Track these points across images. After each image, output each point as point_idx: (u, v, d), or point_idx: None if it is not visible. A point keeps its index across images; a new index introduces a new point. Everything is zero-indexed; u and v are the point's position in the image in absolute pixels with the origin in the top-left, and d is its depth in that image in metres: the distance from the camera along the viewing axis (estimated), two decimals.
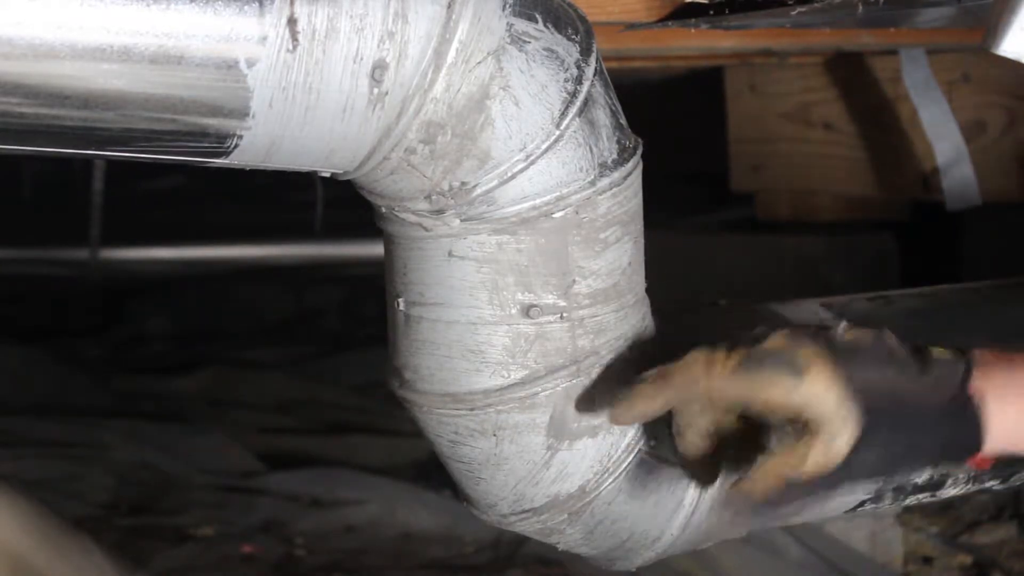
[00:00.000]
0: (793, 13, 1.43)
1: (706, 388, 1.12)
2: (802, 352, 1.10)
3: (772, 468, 1.12)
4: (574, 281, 1.21)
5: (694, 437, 1.17)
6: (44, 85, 1.02)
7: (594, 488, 1.26)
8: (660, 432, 1.27)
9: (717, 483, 1.28)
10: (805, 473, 1.10)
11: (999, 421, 1.14)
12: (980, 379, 1.14)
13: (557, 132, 1.17)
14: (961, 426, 1.14)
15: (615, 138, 1.21)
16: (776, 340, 1.11)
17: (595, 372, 1.23)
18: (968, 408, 1.13)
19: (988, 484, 1.47)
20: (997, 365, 1.15)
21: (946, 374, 1.14)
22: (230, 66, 1.06)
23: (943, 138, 2.88)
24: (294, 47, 1.07)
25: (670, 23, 1.54)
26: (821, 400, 1.10)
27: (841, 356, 1.11)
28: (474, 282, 1.20)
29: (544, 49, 1.16)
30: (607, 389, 1.19)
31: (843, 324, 1.14)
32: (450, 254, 1.20)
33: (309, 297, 5.59)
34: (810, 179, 3.30)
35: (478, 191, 1.16)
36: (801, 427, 1.11)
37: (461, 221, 1.18)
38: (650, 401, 1.15)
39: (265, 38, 1.06)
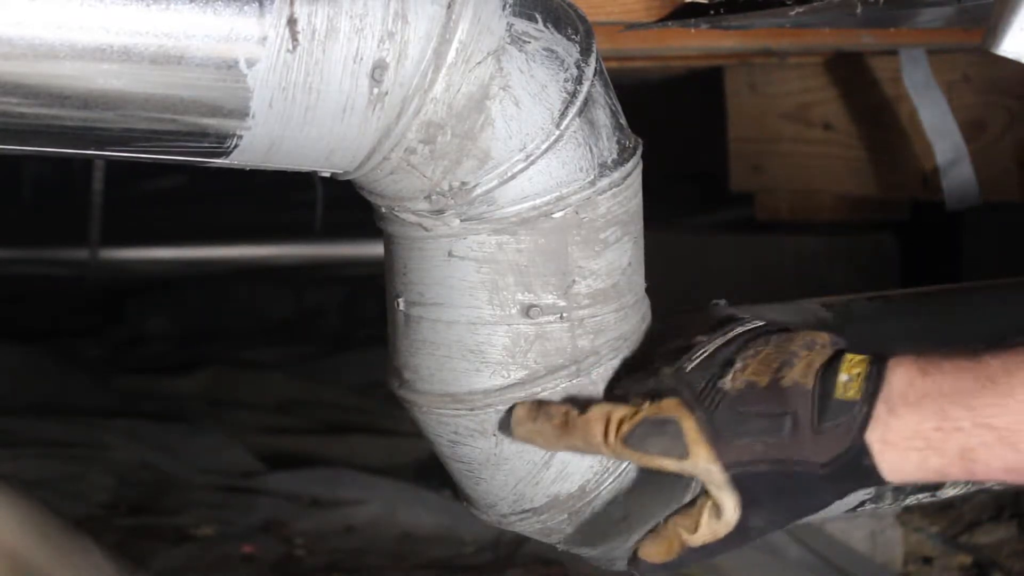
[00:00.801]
0: (793, 13, 1.43)
1: (605, 448, 1.16)
2: (686, 428, 1.13)
3: (669, 531, 1.17)
4: (574, 281, 1.21)
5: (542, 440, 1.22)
6: (44, 85, 1.02)
7: (594, 488, 1.26)
8: None
9: None
10: (697, 540, 1.16)
11: (901, 470, 1.12)
12: (881, 423, 1.11)
13: (557, 132, 1.17)
14: (855, 478, 1.13)
15: (615, 138, 1.21)
16: (668, 406, 1.14)
17: (595, 372, 1.23)
18: (860, 462, 1.12)
19: (988, 484, 1.46)
20: (908, 397, 1.11)
21: (843, 424, 1.11)
22: (230, 66, 1.06)
23: (943, 138, 2.88)
24: (294, 47, 1.07)
25: (670, 23, 1.54)
26: (707, 474, 1.14)
27: (724, 426, 1.13)
28: (474, 282, 1.20)
29: (544, 49, 1.16)
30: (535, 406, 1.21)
31: (737, 365, 1.14)
32: (450, 254, 1.20)
33: (309, 297, 5.59)
34: (810, 179, 3.30)
35: (478, 191, 1.17)
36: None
37: (461, 221, 1.18)
38: (548, 442, 1.20)
39: (265, 38, 1.06)
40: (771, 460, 1.12)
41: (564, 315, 1.21)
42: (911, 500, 1.44)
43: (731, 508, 1.14)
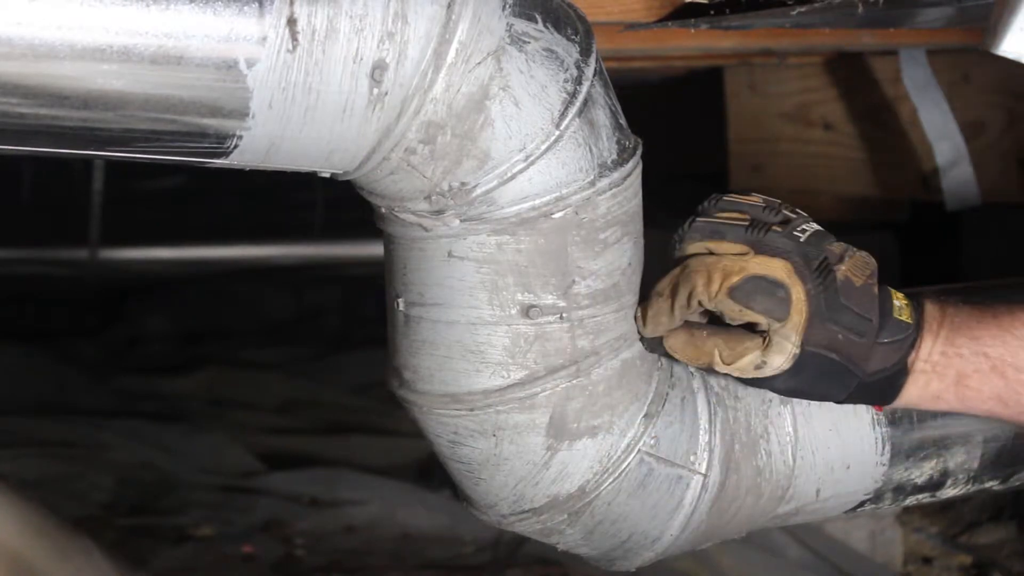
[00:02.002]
0: (793, 13, 1.43)
1: (702, 300, 1.18)
2: (794, 296, 1.18)
3: (708, 345, 1.20)
4: (574, 281, 1.21)
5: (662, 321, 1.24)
6: (44, 85, 1.02)
7: (594, 488, 1.26)
8: (660, 431, 1.27)
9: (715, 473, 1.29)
10: (727, 369, 1.20)
11: (910, 391, 1.24)
12: (916, 351, 1.23)
13: (557, 132, 1.17)
14: (882, 391, 1.24)
15: (615, 138, 1.21)
16: (779, 269, 1.18)
17: (595, 372, 1.23)
18: (897, 379, 1.23)
19: (988, 485, 1.47)
20: (932, 327, 1.23)
21: (896, 344, 1.22)
22: (230, 66, 1.06)
23: (943, 138, 2.88)
24: (294, 47, 1.07)
25: (670, 23, 1.54)
26: (784, 338, 1.18)
27: (825, 308, 1.19)
28: (474, 282, 1.20)
29: (544, 49, 1.16)
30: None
31: (844, 258, 1.22)
32: (450, 254, 1.19)
33: (309, 297, 5.59)
34: (810, 179, 3.30)
35: (478, 191, 1.16)
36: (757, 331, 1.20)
37: (461, 221, 1.18)
38: (667, 316, 1.21)
39: (265, 38, 1.06)
40: (843, 354, 1.20)
41: (564, 315, 1.21)
42: (911, 500, 1.44)
43: (775, 367, 1.19)
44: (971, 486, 1.45)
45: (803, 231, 1.22)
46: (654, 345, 1.24)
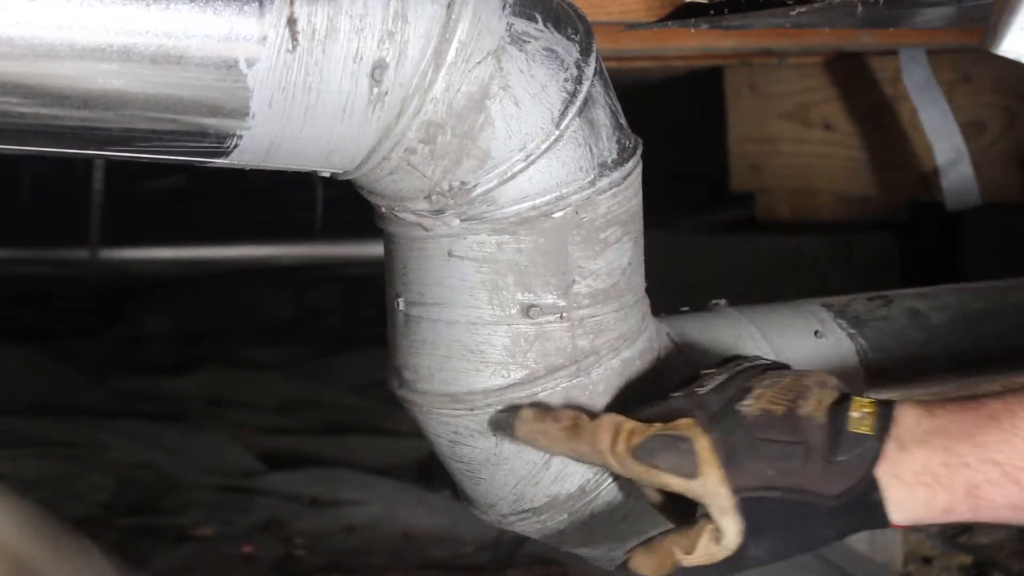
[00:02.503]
0: (793, 13, 1.43)
1: (608, 461, 1.15)
2: (699, 447, 1.12)
3: (664, 547, 1.14)
4: (574, 281, 1.21)
5: (648, 490, 1.20)
6: (44, 85, 1.02)
7: (594, 488, 1.26)
8: None
9: None
10: (693, 560, 1.13)
11: (906, 508, 1.13)
12: (891, 460, 1.12)
13: (557, 132, 1.17)
14: (863, 515, 1.13)
15: (615, 138, 1.21)
16: (682, 425, 1.13)
17: (595, 372, 1.23)
18: (870, 496, 1.12)
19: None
20: (916, 434, 1.13)
21: (854, 458, 1.12)
22: (230, 66, 1.06)
23: (943, 138, 2.89)
24: (294, 47, 1.07)
25: (670, 23, 1.54)
26: (714, 496, 1.12)
27: (738, 450, 1.12)
28: (474, 282, 1.20)
29: (544, 49, 1.16)
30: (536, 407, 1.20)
31: (755, 392, 1.15)
32: (450, 254, 1.20)
33: (309, 297, 5.59)
34: (810, 179, 3.30)
35: (478, 191, 1.16)
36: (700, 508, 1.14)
37: (461, 221, 1.18)
38: (552, 444, 1.18)
39: (265, 38, 1.06)
40: (782, 487, 1.12)
41: (564, 315, 1.21)
42: None
43: (733, 534, 1.12)
44: None
45: (710, 383, 1.16)
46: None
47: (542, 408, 1.19)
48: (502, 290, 1.19)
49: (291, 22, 1.06)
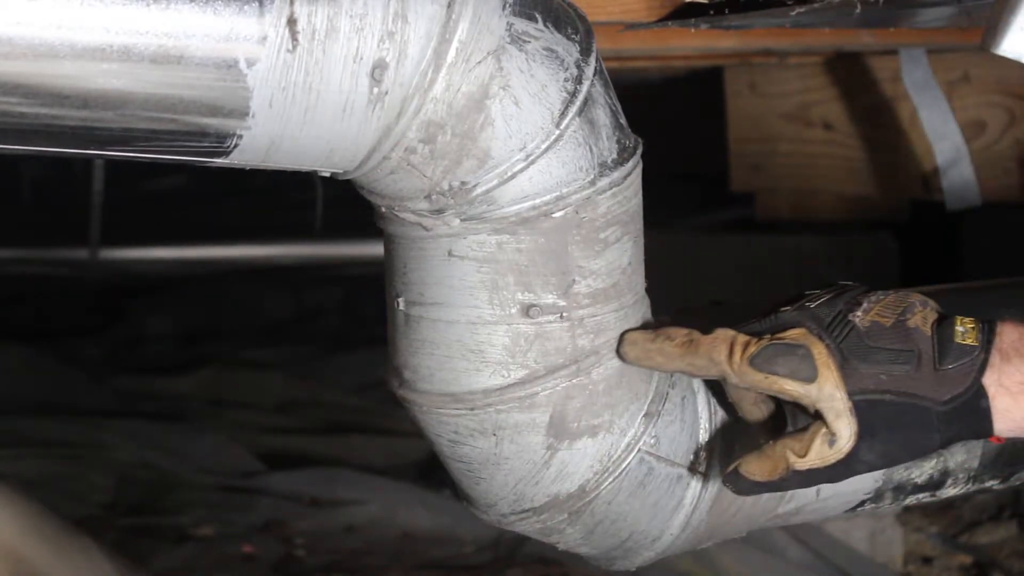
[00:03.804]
0: (793, 13, 1.43)
1: (725, 371, 1.18)
2: (815, 352, 1.16)
3: (777, 451, 1.17)
4: (574, 281, 1.21)
5: (750, 407, 1.23)
6: (44, 85, 1.02)
7: (594, 488, 1.26)
8: (661, 431, 1.27)
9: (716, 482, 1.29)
10: (804, 463, 1.16)
11: (1010, 416, 1.17)
12: (996, 369, 1.17)
13: (557, 132, 1.17)
14: (970, 422, 1.17)
15: (615, 138, 1.21)
16: (795, 334, 1.17)
17: (595, 372, 1.23)
18: (978, 403, 1.17)
19: (988, 484, 1.47)
20: (1019, 348, 1.17)
21: (962, 367, 1.17)
22: (230, 66, 1.06)
23: (943, 138, 2.89)
24: (294, 47, 1.07)
25: (670, 23, 1.54)
26: (830, 398, 1.15)
27: (852, 355, 1.16)
28: (474, 282, 1.20)
29: (544, 49, 1.16)
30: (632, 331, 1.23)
31: (864, 306, 1.19)
32: (450, 254, 1.20)
33: (309, 297, 5.59)
34: (810, 179, 3.30)
35: (478, 191, 1.16)
36: (813, 413, 1.17)
37: (461, 221, 1.18)
38: (669, 361, 1.21)
39: (265, 38, 1.06)
40: (894, 392, 1.15)
41: (564, 315, 1.21)
42: (911, 499, 1.44)
43: (847, 436, 1.15)
44: (971, 485, 1.45)
45: (813, 301, 1.20)
46: (740, 485, 1.20)
47: (650, 329, 1.22)
48: (502, 290, 1.19)
49: (291, 22, 1.06)
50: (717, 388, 1.29)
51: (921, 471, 1.41)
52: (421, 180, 1.16)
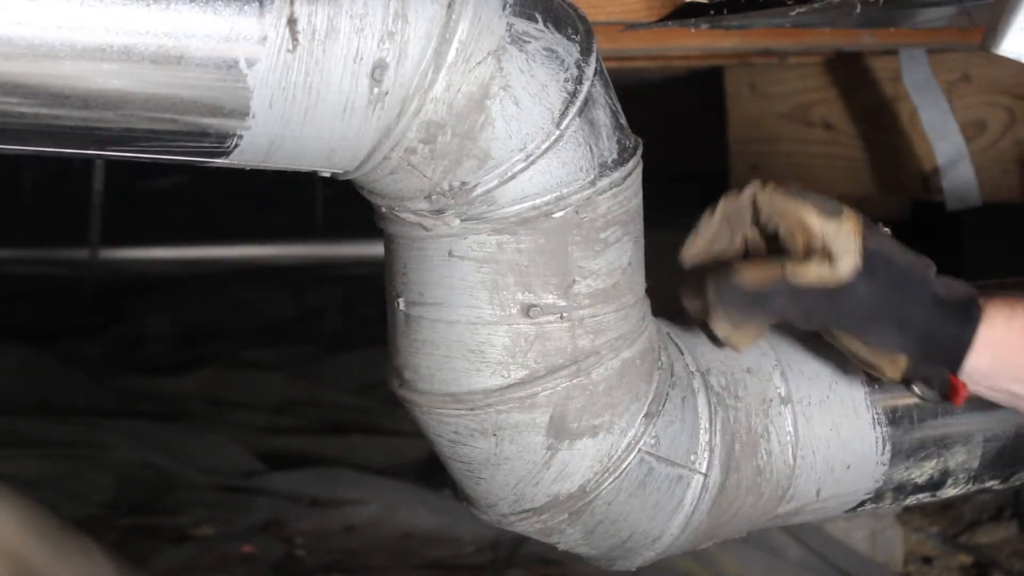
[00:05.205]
0: (793, 13, 1.43)
1: (756, 196, 1.24)
2: (845, 209, 1.23)
3: (772, 262, 1.21)
4: (574, 281, 1.21)
5: (701, 241, 1.28)
6: (44, 85, 1.02)
7: (594, 488, 1.26)
8: (661, 431, 1.27)
9: (715, 473, 1.29)
10: (800, 278, 1.20)
11: (990, 324, 1.23)
12: (995, 304, 1.25)
13: (557, 132, 1.17)
14: (955, 321, 1.24)
15: (615, 138, 1.21)
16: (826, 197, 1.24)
17: (595, 372, 1.23)
18: (970, 309, 1.24)
19: (988, 484, 1.47)
20: (996, 289, 1.27)
21: (966, 288, 1.25)
22: (230, 66, 1.06)
23: (943, 138, 2.89)
24: (294, 47, 1.07)
25: (670, 23, 1.54)
26: (847, 236, 1.21)
27: (877, 232, 1.24)
28: (474, 282, 1.20)
29: (544, 49, 1.16)
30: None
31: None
32: (450, 254, 1.20)
33: (309, 297, 5.60)
34: (810, 179, 3.30)
35: (478, 191, 1.16)
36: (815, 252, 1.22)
37: (461, 221, 1.18)
38: (709, 217, 1.28)
39: (265, 38, 1.06)
40: (906, 263, 1.23)
41: (564, 315, 1.21)
42: (911, 500, 1.44)
43: (849, 263, 1.20)
44: (972, 485, 1.45)
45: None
46: (722, 289, 1.22)
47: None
48: (502, 290, 1.19)
49: (291, 22, 1.06)
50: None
51: (921, 471, 1.41)
52: (421, 180, 1.16)
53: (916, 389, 1.29)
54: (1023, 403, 1.29)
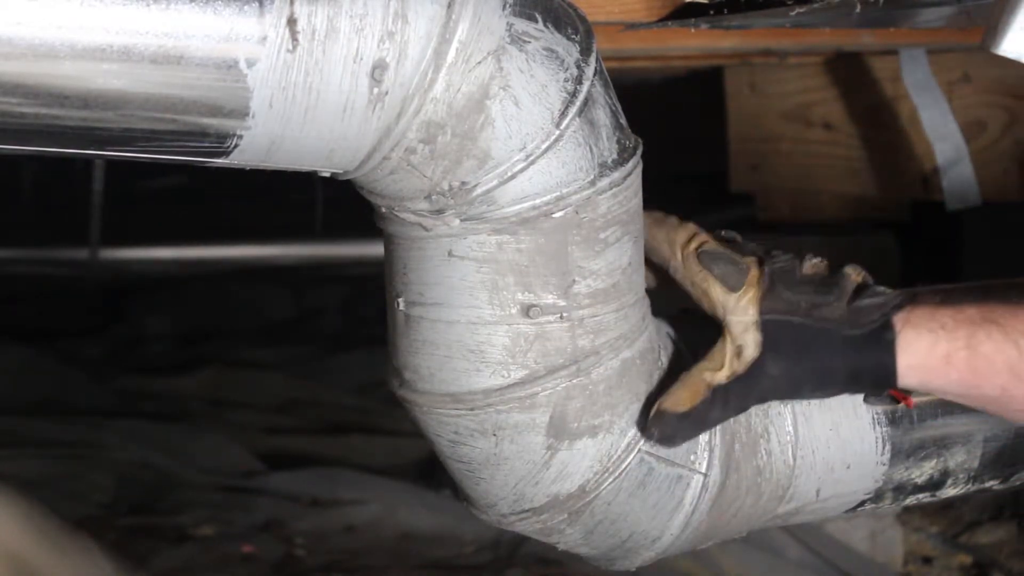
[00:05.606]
0: (793, 13, 1.43)
1: (676, 254, 1.27)
2: (752, 272, 1.25)
3: (694, 376, 1.24)
4: (574, 281, 1.21)
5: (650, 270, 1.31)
6: (44, 85, 1.02)
7: (594, 488, 1.26)
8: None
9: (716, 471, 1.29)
10: (720, 376, 1.23)
11: (912, 350, 1.23)
12: (907, 311, 1.24)
13: (557, 132, 1.17)
14: (874, 351, 1.24)
15: (615, 138, 1.21)
16: (747, 260, 1.26)
17: (595, 372, 1.23)
18: (884, 334, 1.24)
19: (988, 484, 1.47)
20: (931, 299, 1.26)
21: (877, 303, 1.24)
22: (230, 66, 1.06)
23: (943, 138, 2.89)
24: (294, 47, 1.07)
25: (670, 23, 1.54)
26: (743, 311, 1.24)
27: (780, 281, 1.25)
28: (474, 282, 1.20)
29: (544, 49, 1.16)
30: None
31: (814, 261, 1.27)
32: (450, 254, 1.20)
33: (309, 297, 5.59)
34: (810, 179, 3.30)
35: (478, 191, 1.16)
36: (724, 326, 1.25)
37: (461, 221, 1.18)
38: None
39: (265, 38, 1.06)
40: (805, 315, 1.24)
41: (564, 315, 1.21)
42: (911, 500, 1.44)
43: (752, 346, 1.23)
44: (971, 485, 1.45)
45: (775, 250, 1.28)
46: (664, 426, 1.25)
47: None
48: (502, 290, 1.19)
49: (291, 22, 1.06)
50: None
51: (921, 471, 1.41)
52: (421, 180, 1.16)
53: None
54: (991, 408, 1.29)
